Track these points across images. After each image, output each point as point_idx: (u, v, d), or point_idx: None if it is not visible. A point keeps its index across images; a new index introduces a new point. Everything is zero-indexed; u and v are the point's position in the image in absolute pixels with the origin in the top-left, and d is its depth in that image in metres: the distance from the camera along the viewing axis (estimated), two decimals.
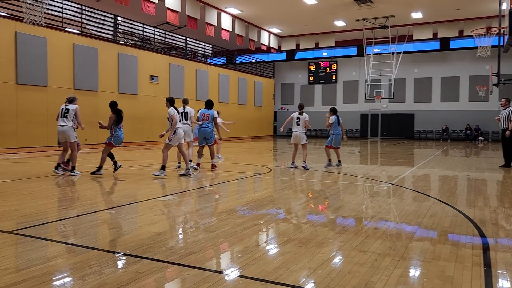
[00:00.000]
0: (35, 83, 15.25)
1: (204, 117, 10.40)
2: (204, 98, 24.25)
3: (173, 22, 19.43)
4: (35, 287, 2.95)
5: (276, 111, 34.43)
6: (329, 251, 3.96)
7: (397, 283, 3.14)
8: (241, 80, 28.19)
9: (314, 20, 24.62)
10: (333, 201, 6.81)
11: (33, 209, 5.66)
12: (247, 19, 24.69)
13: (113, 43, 18.93)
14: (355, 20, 24.31)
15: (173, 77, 21.94)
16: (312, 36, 28.13)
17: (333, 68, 32.48)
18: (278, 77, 34.44)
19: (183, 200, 6.73)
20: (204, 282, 3.09)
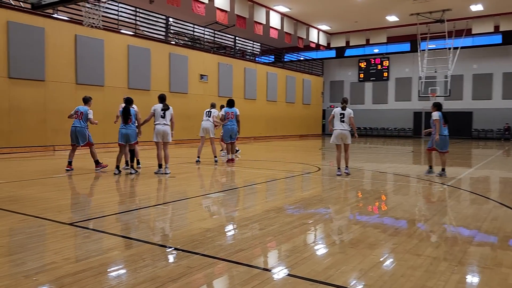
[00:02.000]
0: (93, 83, 16.02)
1: (229, 116, 11.04)
2: (253, 97, 24.50)
3: (222, 21, 19.68)
4: (93, 277, 3.10)
5: (325, 109, 33.94)
6: (381, 253, 3.84)
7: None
8: (289, 78, 28.07)
9: (365, 16, 23.99)
10: (385, 202, 6.60)
11: (91, 203, 5.95)
12: (295, 17, 24.52)
13: (165, 44, 19.50)
14: (408, 14, 23.41)
15: (222, 76, 22.25)
16: (363, 33, 27.43)
17: (385, 65, 31.52)
18: (327, 75, 33.94)
19: (231, 197, 6.80)
20: (253, 279, 3.10)
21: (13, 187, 7.07)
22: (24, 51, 13.84)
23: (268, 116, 25.88)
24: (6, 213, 5.13)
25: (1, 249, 3.78)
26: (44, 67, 14.47)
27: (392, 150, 17.66)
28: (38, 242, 4.02)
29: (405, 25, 25.64)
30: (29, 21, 14.02)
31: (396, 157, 14.57)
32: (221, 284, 3.14)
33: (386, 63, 31.46)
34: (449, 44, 24.44)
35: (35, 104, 14.35)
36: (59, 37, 14.93)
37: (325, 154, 16.17)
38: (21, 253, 3.62)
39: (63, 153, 13.96)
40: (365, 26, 26.41)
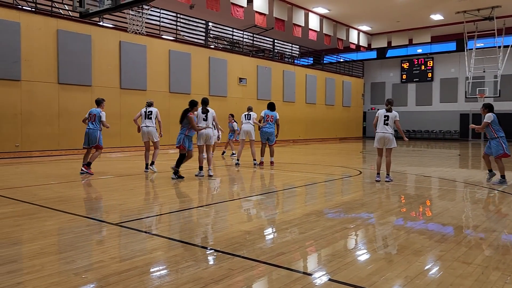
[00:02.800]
0: (136, 87, 16.53)
1: (268, 118, 11.08)
2: (291, 99, 24.42)
3: (261, 24, 19.77)
4: (138, 276, 3.18)
5: (366, 111, 33.29)
6: (427, 260, 3.69)
7: None
8: (329, 80, 27.76)
9: (407, 15, 23.33)
10: (430, 207, 6.37)
11: (135, 204, 6.12)
12: (335, 18, 24.23)
13: (205, 48, 19.83)
14: (454, 13, 22.54)
15: (261, 78, 22.33)
16: (405, 32, 26.68)
17: (429, 65, 30.50)
18: (368, 76, 33.27)
19: (271, 200, 6.79)
20: (294, 283, 3.07)
21: (62, 187, 7.41)
22: (72, 57, 14.51)
23: (307, 119, 25.70)
24: (56, 212, 5.37)
25: (52, 247, 3.96)
26: (91, 73, 15.10)
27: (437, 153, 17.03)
28: (86, 241, 4.18)
29: (450, 24, 24.71)
30: (77, 29, 14.69)
31: (442, 160, 14.04)
32: (262, 287, 3.13)
33: (430, 64, 30.44)
34: (498, 42, 23.27)
35: (83, 108, 14.97)
36: (104, 44, 15.54)
37: (366, 158, 15.83)
38: (71, 252, 3.77)
39: (108, 155, 14.49)
40: (408, 25, 25.68)
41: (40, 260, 3.52)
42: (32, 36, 13.62)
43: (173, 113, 17.94)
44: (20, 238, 4.25)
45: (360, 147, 21.85)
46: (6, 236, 4.27)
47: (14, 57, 13.15)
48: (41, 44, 13.84)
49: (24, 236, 4.32)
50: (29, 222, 4.84)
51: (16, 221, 4.88)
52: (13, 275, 3.18)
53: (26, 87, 13.48)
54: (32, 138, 13.63)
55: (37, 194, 6.66)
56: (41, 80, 13.84)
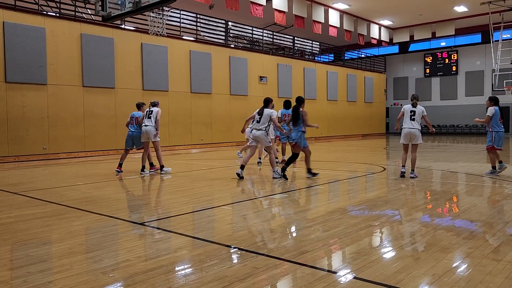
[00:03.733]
0: (158, 89, 16.75)
1: (285, 118, 10.64)
2: (313, 97, 24.26)
3: (281, 22, 19.71)
4: (163, 275, 3.22)
5: (388, 107, 32.77)
6: (455, 257, 3.61)
7: None
8: (350, 76, 27.45)
9: (430, 7, 22.82)
10: (457, 203, 6.22)
11: (159, 203, 6.21)
12: (355, 13, 23.93)
13: (225, 47, 19.91)
14: (479, 4, 21.92)
15: (281, 76, 22.27)
16: (428, 26, 26.11)
17: (453, 58, 29.77)
18: (390, 71, 32.73)
19: (294, 199, 6.77)
20: (319, 281, 3.05)
21: (89, 188, 7.58)
22: (95, 61, 14.82)
23: (329, 116, 25.49)
24: (83, 213, 5.50)
25: (80, 246, 4.06)
26: (114, 75, 15.38)
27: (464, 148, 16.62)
28: (113, 240, 4.26)
29: (475, 15, 24.05)
30: (99, 33, 14.99)
31: (469, 155, 13.70)
32: (286, 285, 3.12)
33: (455, 57, 29.70)
34: None
35: (107, 110, 15.29)
36: (126, 46, 15.80)
37: (390, 154, 15.60)
38: (98, 251, 3.85)
39: (132, 156, 14.74)
40: (431, 18, 25.12)
41: (69, 259, 3.61)
42: (57, 40, 13.97)
43: (195, 113, 18.13)
44: (50, 238, 4.37)
45: (383, 143, 21.54)
46: (36, 236, 4.39)
47: (40, 62, 13.52)
48: (66, 48, 14.18)
49: (53, 236, 4.43)
50: (58, 223, 4.97)
51: (45, 222, 5.02)
52: (44, 274, 3.27)
53: (52, 91, 13.84)
54: (59, 141, 13.99)
55: (65, 195, 6.83)
56: (66, 83, 14.19)
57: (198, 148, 17.86)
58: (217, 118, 19.07)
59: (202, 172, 10.01)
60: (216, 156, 14.53)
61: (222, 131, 19.25)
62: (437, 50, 30.62)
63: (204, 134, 18.54)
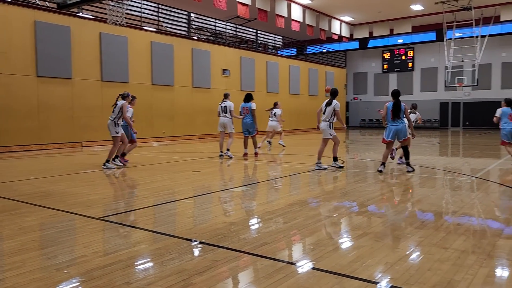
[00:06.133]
0: (118, 80, 16.31)
1: (244, 111, 10.97)
2: (275, 90, 24.43)
3: (244, 15, 19.65)
4: (121, 270, 3.18)
5: (348, 101, 33.56)
6: (407, 246, 3.79)
7: (484, 283, 2.92)
8: (312, 71, 27.84)
9: (388, 5, 23.50)
10: (411, 194, 6.50)
11: (118, 198, 6.09)
12: (317, 9, 24.24)
13: (187, 39, 19.64)
14: (434, 3, 22.77)
15: (244, 70, 22.27)
16: (387, 23, 26.87)
17: (410, 55, 30.84)
18: (350, 67, 33.48)
19: (255, 191, 6.84)
20: (278, 272, 3.12)
21: (43, 182, 7.31)
22: (51, 49, 14.20)
23: (291, 110, 25.75)
24: (37, 208, 5.31)
25: (33, 243, 3.92)
26: (71, 65, 14.82)
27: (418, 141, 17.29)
28: (68, 236, 4.15)
29: (430, 14, 24.97)
30: (55, 20, 14.36)
31: (422, 148, 14.29)
32: (246, 277, 3.17)
33: (411, 53, 30.78)
34: (476, 32, 23.65)
35: (63, 101, 14.73)
36: (84, 36, 15.25)
37: (349, 147, 16.01)
38: (53, 247, 3.74)
39: (90, 149, 14.31)
40: (389, 16, 25.86)
41: (20, 256, 3.49)
42: (8, 27, 13.26)
43: (156, 105, 17.81)
44: (0, 235, 4.19)
45: (343, 137, 22.05)
46: None
47: None
48: (18, 36, 13.50)
49: (4, 232, 4.26)
50: (10, 218, 4.77)
51: None
52: None
53: (3, 81, 13.16)
54: (11, 133, 13.35)
55: (17, 190, 6.56)
56: (19, 73, 13.52)
57: (159, 141, 17.59)
58: (179, 111, 18.83)
59: (163, 165, 9.88)
60: (179, 149, 14.38)
61: (185, 124, 19.04)
62: (394, 47, 31.61)
63: (166, 127, 18.27)
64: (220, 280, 3.01)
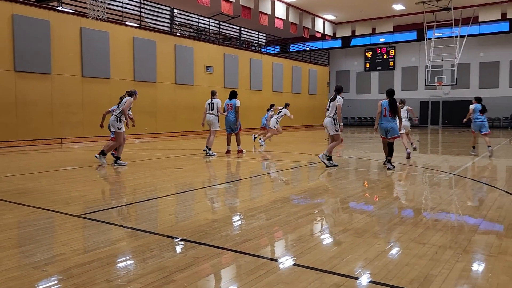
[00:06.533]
0: (99, 76, 16.08)
1: (228, 107, 11.02)
2: (258, 88, 24.45)
3: (227, 12, 19.60)
4: (101, 268, 3.15)
5: None
6: (386, 242, 3.86)
7: (459, 277, 3.00)
8: (295, 68, 27.95)
9: (370, 4, 23.75)
10: (391, 191, 6.61)
11: (98, 195, 6.02)
12: (301, 7, 24.34)
13: (170, 35, 19.47)
14: (415, 3, 23.14)
15: (228, 67, 22.21)
16: (369, 22, 27.18)
17: (391, 54, 31.26)
18: (333, 65, 33.74)
19: (238, 188, 6.84)
20: (259, 269, 3.13)
21: (22, 180, 7.16)
22: (29, 44, 13.90)
23: None
24: (15, 205, 5.20)
25: (11, 241, 3.85)
26: (50, 60, 14.54)
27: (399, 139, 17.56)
28: (47, 234, 4.08)
29: (411, 14, 25.36)
30: (34, 14, 14.06)
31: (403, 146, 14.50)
32: (227, 273, 3.17)
33: (392, 52, 31.20)
34: (455, 32, 24.12)
35: (42, 97, 14.45)
36: (64, 30, 14.97)
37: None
38: (30, 245, 3.68)
39: (70, 146, 14.08)
40: (371, 15, 26.16)
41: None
42: None
43: (138, 102, 17.53)
44: None
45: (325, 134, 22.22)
46: None
47: None
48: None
49: None
50: None
51: None
52: None
53: None
54: None
55: None
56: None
57: (141, 138, 17.41)
58: (161, 107, 18.68)
59: (145, 162, 9.80)
60: (161, 146, 14.27)
61: (167, 120, 18.90)
62: (376, 46, 31.99)
63: (148, 124, 18.09)
64: (201, 277, 3.01)
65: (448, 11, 23.21)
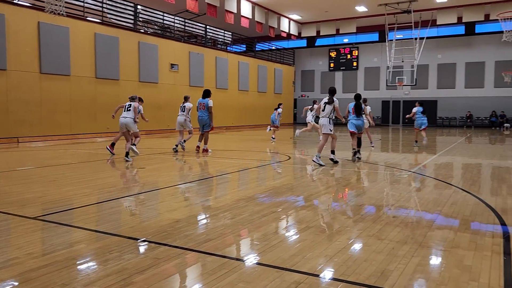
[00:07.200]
0: (58, 72, 15.54)
1: (200, 106, 11.12)
2: (224, 86, 24.39)
3: (193, 10, 19.41)
4: (58, 271, 3.05)
5: (296, 98, 34.21)
6: (346, 239, 3.95)
7: (414, 272, 3.11)
8: (261, 67, 28.06)
9: (334, 5, 24.18)
10: (352, 189, 6.77)
11: (57, 196, 5.82)
12: (266, 6, 24.45)
13: (134, 32, 19.08)
14: (377, 5, 23.76)
15: (193, 65, 22.01)
16: (333, 22, 27.66)
17: (354, 54, 31.96)
18: (298, 64, 34.12)
19: (202, 187, 6.81)
20: (221, 268, 3.14)
21: None
22: None
23: (240, 106, 25.85)
24: None
25: None
26: (6, 55, 13.91)
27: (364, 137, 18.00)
28: (0, 237, 3.91)
29: (373, 15, 26.02)
30: None
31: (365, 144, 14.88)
32: (188, 274, 3.16)
33: (356, 53, 31.90)
34: (415, 34, 24.94)
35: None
36: (21, 24, 14.37)
37: (296, 143, 16.33)
38: None
39: (27, 145, 13.54)
40: (335, 16, 26.64)
41: None
42: None
43: (100, 99, 17.15)
44: None
45: (290, 133, 22.46)
46: None
47: None
48: None
49: None
50: None
51: None
52: None
53: None
54: None
55: None
56: None
57: (104, 137, 16.98)
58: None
59: (107, 161, 9.57)
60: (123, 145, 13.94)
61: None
62: (340, 46, 32.62)
63: (111, 122, 17.63)
64: (161, 278, 2.97)
65: (408, 13, 23.96)
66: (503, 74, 24.76)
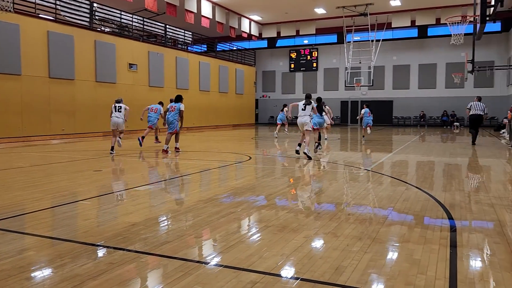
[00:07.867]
0: (8, 72, 14.84)
1: (171, 109, 11.58)
2: (185, 87, 24.14)
3: (152, 8, 19.09)
4: (4, 280, 2.92)
5: (258, 99, 34.39)
6: (303, 237, 4.01)
7: (367, 267, 3.21)
8: (222, 68, 27.99)
9: (294, 7, 24.51)
10: (311, 187, 6.88)
11: (6, 201, 5.56)
12: (227, 6, 24.42)
13: (90, 30, 18.52)
14: (335, 7, 24.31)
15: (152, 65, 21.63)
16: (293, 24, 28.04)
17: (314, 55, 32.53)
18: (259, 65, 34.32)
19: (160, 190, 6.71)
20: (178, 271, 3.11)
21: None
22: None
23: (201, 106, 25.66)
24: None
25: None
26: None
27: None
28: None
29: (332, 18, 26.60)
30: None
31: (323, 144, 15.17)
32: (143, 278, 3.10)
33: (315, 54, 32.48)
34: (372, 36, 25.75)
35: None
36: None
37: (257, 143, 16.42)
38: None
39: None
40: (295, 17, 27.01)
41: None
42: None
43: (54, 100, 16.52)
44: None
45: (252, 133, 22.55)
46: None
47: None
48: None
49: None
50: None
51: None
52: None
53: None
54: None
55: None
56: None
57: (58, 139, 16.38)
58: (80, 106, 17.70)
59: (61, 164, 9.24)
60: (80, 147, 13.52)
61: (87, 120, 17.95)
62: (300, 47, 33.12)
63: (66, 124, 17.06)
64: (114, 283, 2.91)
65: (365, 16, 24.70)
66: (453, 76, 26.00)
